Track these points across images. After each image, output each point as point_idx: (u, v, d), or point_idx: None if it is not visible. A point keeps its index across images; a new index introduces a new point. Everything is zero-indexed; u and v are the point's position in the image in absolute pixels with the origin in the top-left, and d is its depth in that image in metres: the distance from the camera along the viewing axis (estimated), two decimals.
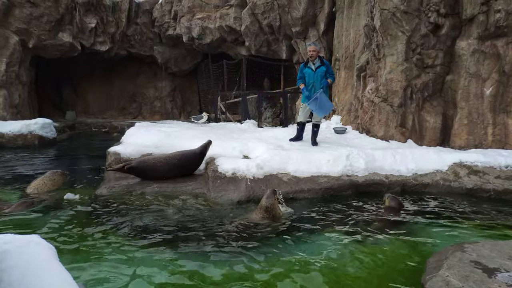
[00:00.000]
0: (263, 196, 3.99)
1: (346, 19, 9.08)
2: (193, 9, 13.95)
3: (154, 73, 17.66)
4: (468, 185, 5.03)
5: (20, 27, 12.32)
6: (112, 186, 4.96)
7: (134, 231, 3.49)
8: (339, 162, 5.24)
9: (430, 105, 6.85)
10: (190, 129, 8.52)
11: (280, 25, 11.23)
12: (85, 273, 2.66)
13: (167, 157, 5.32)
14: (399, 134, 6.83)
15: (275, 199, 3.93)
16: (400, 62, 6.74)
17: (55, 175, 5.08)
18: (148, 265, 2.81)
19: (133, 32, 15.77)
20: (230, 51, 14.23)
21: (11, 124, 10.00)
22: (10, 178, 5.83)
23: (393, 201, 4.34)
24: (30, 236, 1.82)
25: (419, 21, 6.55)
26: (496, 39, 6.16)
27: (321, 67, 6.26)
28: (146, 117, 17.41)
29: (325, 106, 6.15)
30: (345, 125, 8.29)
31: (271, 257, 3.01)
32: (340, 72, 9.31)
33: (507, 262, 2.40)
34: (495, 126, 6.30)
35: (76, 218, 3.82)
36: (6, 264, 1.58)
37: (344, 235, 3.50)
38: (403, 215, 4.11)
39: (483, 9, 6.10)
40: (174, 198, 4.54)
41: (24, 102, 12.96)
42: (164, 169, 5.18)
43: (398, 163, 5.39)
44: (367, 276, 2.71)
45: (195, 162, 5.49)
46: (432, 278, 2.27)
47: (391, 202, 4.33)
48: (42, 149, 9.33)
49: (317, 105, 6.02)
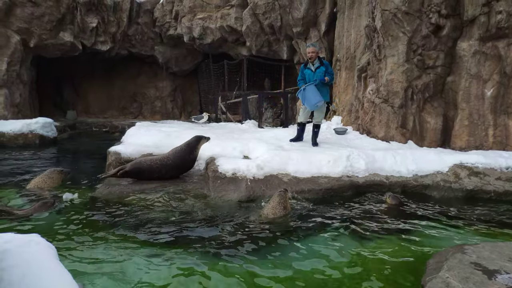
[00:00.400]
0: (274, 194, 4.16)
1: (347, 19, 9.08)
2: (194, 9, 13.96)
3: (155, 73, 17.67)
4: (468, 186, 5.02)
5: (21, 26, 12.34)
6: (112, 185, 4.96)
7: (134, 231, 3.49)
8: (339, 163, 5.24)
9: (430, 106, 6.85)
10: (191, 129, 8.53)
11: (281, 26, 11.23)
12: (85, 273, 2.67)
13: (162, 158, 5.31)
14: (399, 135, 6.83)
15: (287, 197, 4.14)
16: (401, 63, 6.74)
17: (54, 173, 5.08)
18: (149, 265, 2.81)
19: (134, 32, 15.78)
20: (231, 51, 14.23)
21: (12, 123, 10.02)
22: (10, 177, 5.83)
23: (394, 200, 4.51)
24: (30, 236, 1.82)
25: (420, 22, 6.54)
26: (497, 40, 6.16)
27: (320, 67, 6.27)
28: (147, 117, 17.42)
29: (310, 98, 6.12)
30: (346, 125, 8.28)
31: (269, 257, 3.01)
32: (341, 72, 9.31)
33: (507, 264, 2.39)
34: (496, 127, 6.29)
35: (75, 218, 3.82)
36: (7, 263, 1.58)
37: (344, 236, 3.50)
38: (403, 216, 4.10)
39: (484, 10, 6.10)
40: (174, 198, 4.54)
41: (25, 102, 12.98)
42: (159, 169, 5.16)
43: (399, 164, 5.39)
44: (366, 277, 2.71)
45: (186, 158, 5.39)
46: (432, 280, 2.27)
47: (393, 201, 4.49)
48: (42, 148, 9.34)
49: (303, 97, 6.19)
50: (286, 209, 4.06)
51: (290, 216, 4.03)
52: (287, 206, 4.10)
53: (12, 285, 1.54)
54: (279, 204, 4.03)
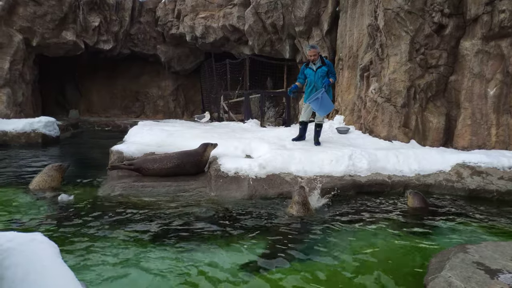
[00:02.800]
0: (294, 193, 4.18)
1: (350, 18, 9.05)
2: (197, 8, 13.96)
3: (157, 72, 17.70)
4: (471, 186, 5.00)
5: (24, 25, 12.38)
6: (114, 184, 4.97)
7: (137, 230, 3.50)
8: (341, 162, 5.23)
9: (433, 106, 6.83)
10: (193, 128, 8.53)
11: (284, 25, 11.21)
12: (88, 272, 2.67)
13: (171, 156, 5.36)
14: (402, 134, 6.81)
15: (306, 194, 4.13)
16: (403, 62, 6.71)
17: (51, 170, 5.05)
18: (151, 265, 2.81)
19: (137, 31, 15.81)
20: (233, 50, 14.22)
21: (15, 122, 10.06)
22: (13, 176, 5.86)
23: (418, 202, 4.28)
24: (33, 234, 1.82)
25: (423, 21, 6.52)
26: (500, 40, 6.12)
27: (322, 67, 6.25)
28: (149, 116, 17.45)
29: (326, 106, 6.17)
30: (348, 125, 8.26)
31: (272, 256, 3.01)
32: (343, 72, 9.29)
33: (509, 263, 2.39)
34: (499, 126, 6.27)
35: (78, 217, 3.83)
36: (9, 261, 1.59)
37: (345, 235, 3.50)
38: (404, 215, 4.10)
39: (487, 9, 6.07)
40: (176, 197, 4.55)
41: (27, 101, 13.03)
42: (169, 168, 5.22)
43: (401, 164, 5.37)
44: (368, 276, 2.70)
45: (195, 162, 5.46)
46: (435, 279, 2.26)
47: (416, 203, 4.27)
48: (45, 147, 9.37)
49: (319, 105, 6.04)
50: (309, 210, 4.02)
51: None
52: (309, 206, 4.06)
53: (14, 283, 1.55)
54: (299, 204, 4.00)
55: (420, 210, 4.22)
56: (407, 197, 4.41)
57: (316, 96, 6.03)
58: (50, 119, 10.54)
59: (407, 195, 4.43)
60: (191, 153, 5.47)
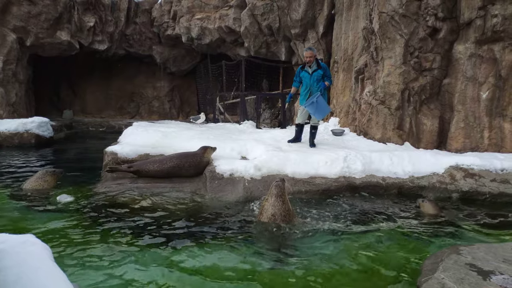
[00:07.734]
0: (272, 185, 3.87)
1: (345, 21, 9.11)
2: (193, 9, 13.96)
3: (153, 73, 17.65)
4: (464, 188, 5.04)
5: (18, 25, 12.28)
6: (109, 185, 4.94)
7: (131, 231, 3.48)
8: (336, 164, 5.25)
9: (427, 108, 6.89)
10: (188, 129, 8.51)
11: (279, 27, 11.26)
12: (82, 274, 2.65)
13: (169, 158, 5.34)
14: (396, 137, 6.85)
15: (284, 187, 3.85)
16: (398, 65, 6.77)
17: (46, 175, 5.01)
18: (146, 266, 2.80)
19: (132, 31, 15.76)
20: (229, 52, 14.24)
21: (8, 123, 9.95)
22: (5, 177, 5.79)
23: (435, 208, 4.27)
24: (26, 236, 1.81)
25: (417, 25, 6.58)
26: (492, 44, 6.20)
27: (317, 70, 6.28)
28: (144, 116, 17.38)
29: (323, 109, 6.22)
30: (343, 127, 8.31)
31: (266, 256, 3.01)
32: (338, 74, 9.34)
33: (502, 265, 2.41)
34: (491, 129, 6.34)
35: (71, 218, 3.80)
36: (2, 264, 1.57)
37: (339, 236, 3.51)
38: (397, 217, 4.12)
39: (480, 14, 6.14)
40: (171, 199, 4.53)
41: (21, 101, 12.91)
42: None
43: (395, 166, 5.40)
44: (361, 278, 2.71)
45: (194, 163, 5.45)
46: (428, 280, 2.28)
47: (433, 210, 4.24)
48: (38, 148, 9.29)
49: (315, 109, 6.09)
50: (285, 203, 3.74)
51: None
52: (286, 199, 3.79)
53: (7, 286, 1.53)
54: (278, 198, 3.72)
55: (436, 216, 4.21)
56: (421, 205, 4.39)
57: (311, 100, 6.07)
58: (44, 120, 10.45)
59: (420, 203, 4.42)
60: (190, 154, 5.45)
